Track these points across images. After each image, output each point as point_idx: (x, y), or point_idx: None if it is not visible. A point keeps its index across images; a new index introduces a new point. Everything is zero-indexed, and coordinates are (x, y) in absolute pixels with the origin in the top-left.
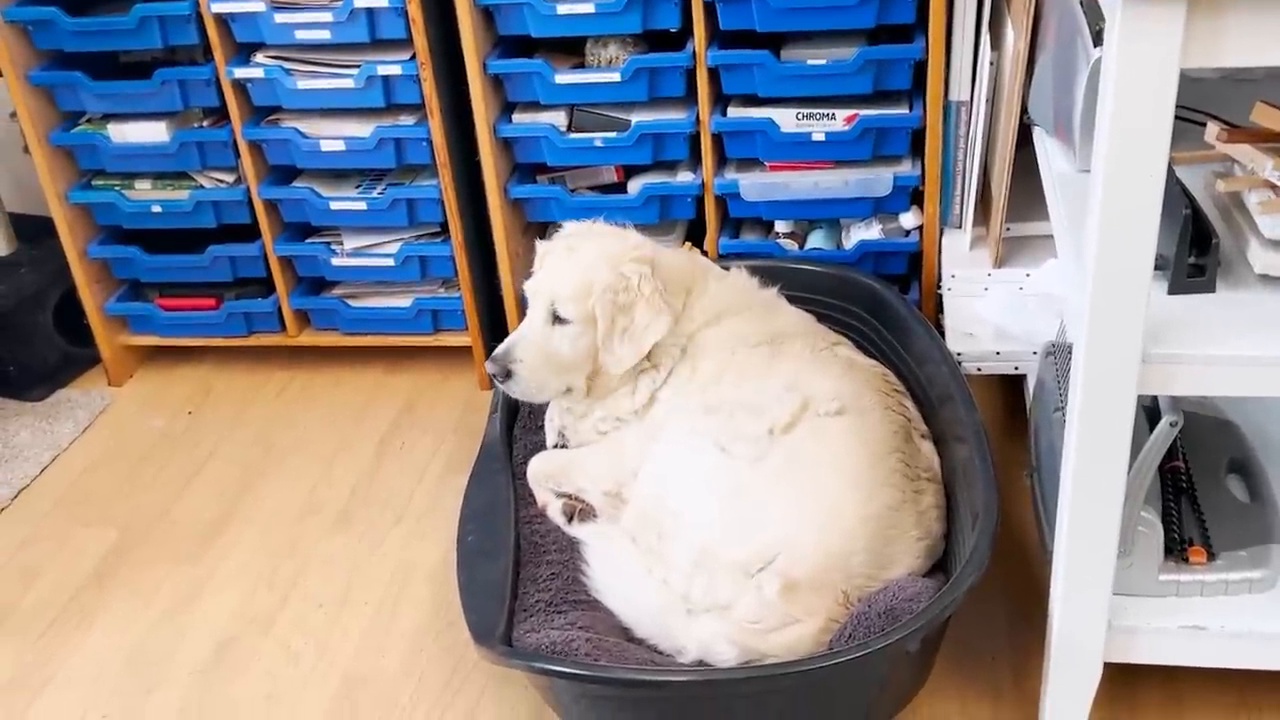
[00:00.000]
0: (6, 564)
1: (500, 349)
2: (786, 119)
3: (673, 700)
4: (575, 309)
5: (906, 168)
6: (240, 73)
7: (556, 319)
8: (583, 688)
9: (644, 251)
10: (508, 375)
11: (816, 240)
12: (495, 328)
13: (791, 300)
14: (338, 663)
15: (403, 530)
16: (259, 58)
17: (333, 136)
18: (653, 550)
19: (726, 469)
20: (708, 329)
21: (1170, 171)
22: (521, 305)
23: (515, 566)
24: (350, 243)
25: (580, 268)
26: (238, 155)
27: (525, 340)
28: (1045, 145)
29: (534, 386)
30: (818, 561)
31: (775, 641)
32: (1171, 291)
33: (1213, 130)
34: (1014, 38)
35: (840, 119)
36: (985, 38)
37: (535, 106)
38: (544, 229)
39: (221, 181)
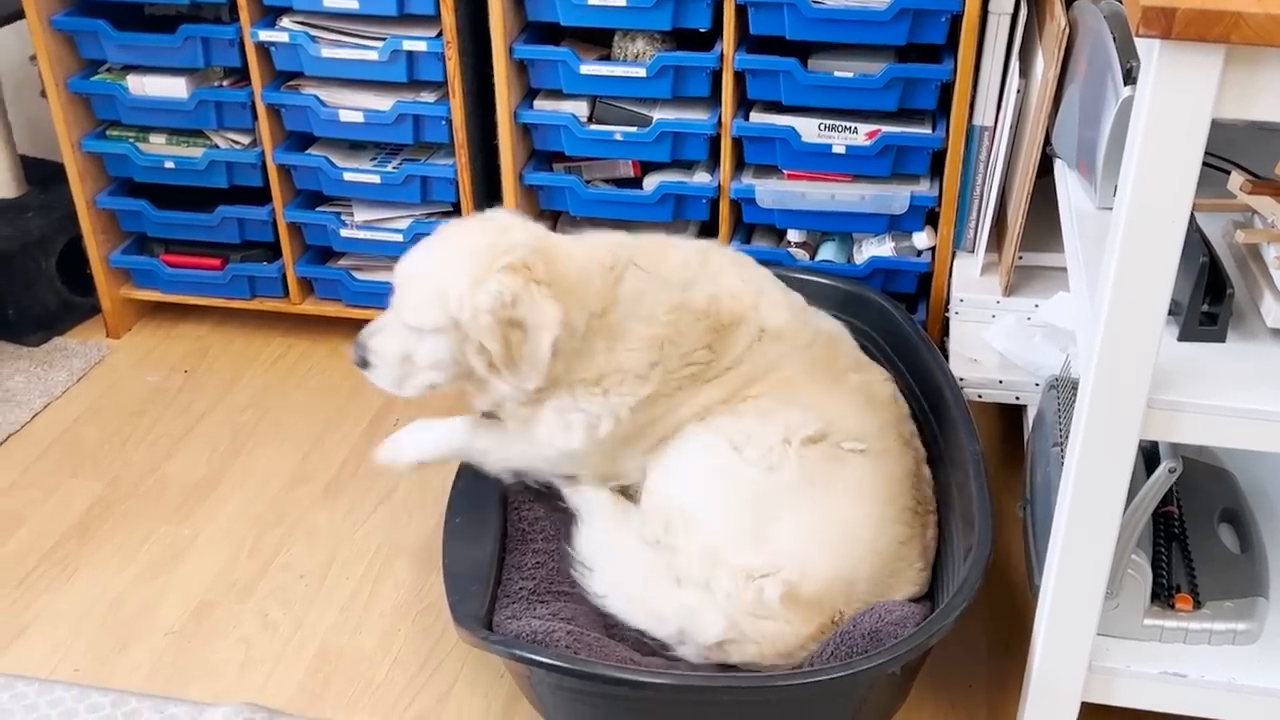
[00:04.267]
0: None
1: (363, 332)
2: (808, 129)
3: (650, 701)
4: (423, 318)
5: (924, 188)
6: (265, 35)
7: (409, 325)
8: (560, 679)
9: (517, 255)
10: (365, 364)
11: (828, 252)
12: None
13: None
14: (315, 635)
15: (390, 507)
16: (285, 22)
17: (352, 107)
18: (659, 541)
19: (740, 473)
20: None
21: (1191, 218)
22: None
23: (501, 552)
24: (361, 215)
25: (425, 273)
26: (255, 118)
27: (383, 333)
28: (1066, 178)
29: (392, 381)
30: (825, 582)
31: (762, 628)
32: (1182, 338)
33: (1236, 180)
34: (1043, 67)
35: (862, 133)
36: (1015, 65)
37: (557, 95)
38: (556, 218)
39: (237, 143)
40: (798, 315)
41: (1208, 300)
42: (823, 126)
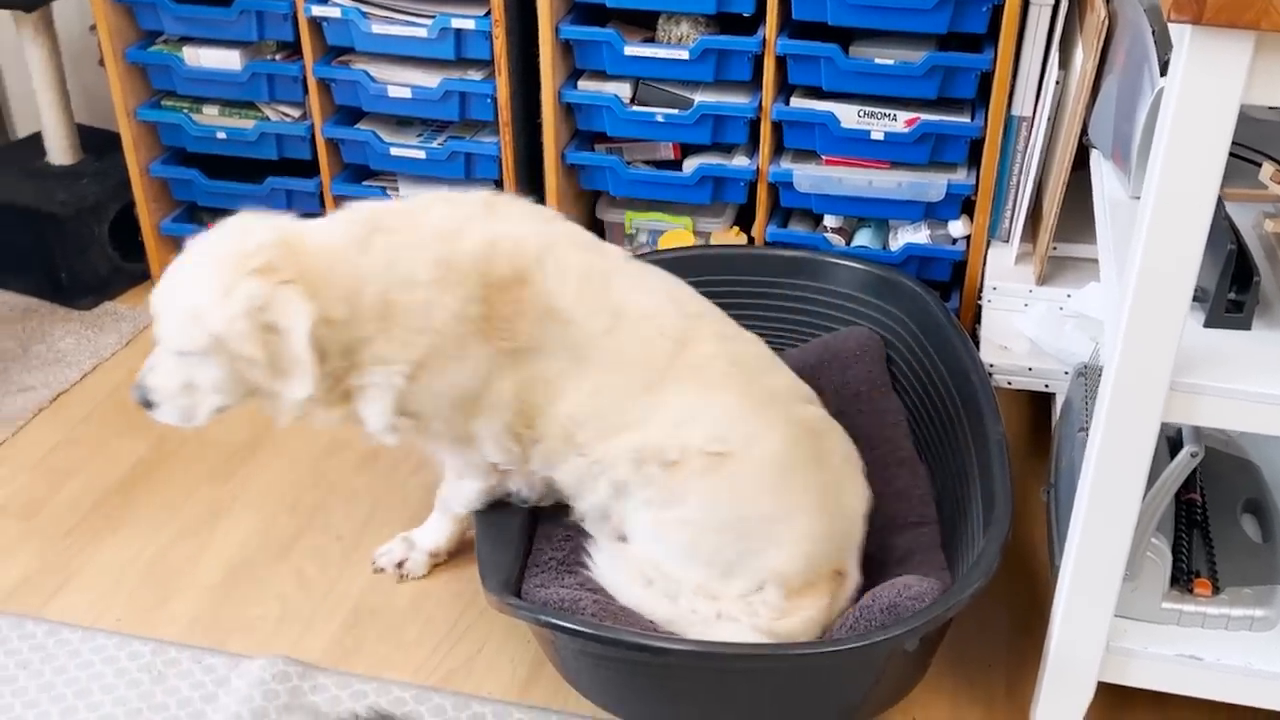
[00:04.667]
0: (39, 464)
1: (140, 372)
2: (848, 114)
3: (672, 668)
4: (186, 341)
5: (961, 176)
6: (317, 10)
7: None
8: (584, 645)
9: (262, 257)
10: (148, 405)
11: (863, 238)
12: None
13: (829, 297)
14: (349, 594)
15: (426, 474)
16: None
17: (400, 83)
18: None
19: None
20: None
21: (1220, 206)
22: None
23: (532, 523)
24: (405, 190)
25: (177, 295)
26: (306, 91)
27: (155, 370)
28: (1101, 168)
29: (180, 415)
30: (802, 568)
31: (791, 626)
32: (1208, 324)
33: (1268, 170)
34: (1083, 58)
35: (901, 120)
36: (1054, 56)
37: (601, 75)
38: (596, 197)
39: (287, 115)
40: (596, 287)
41: (1234, 288)
42: (862, 113)
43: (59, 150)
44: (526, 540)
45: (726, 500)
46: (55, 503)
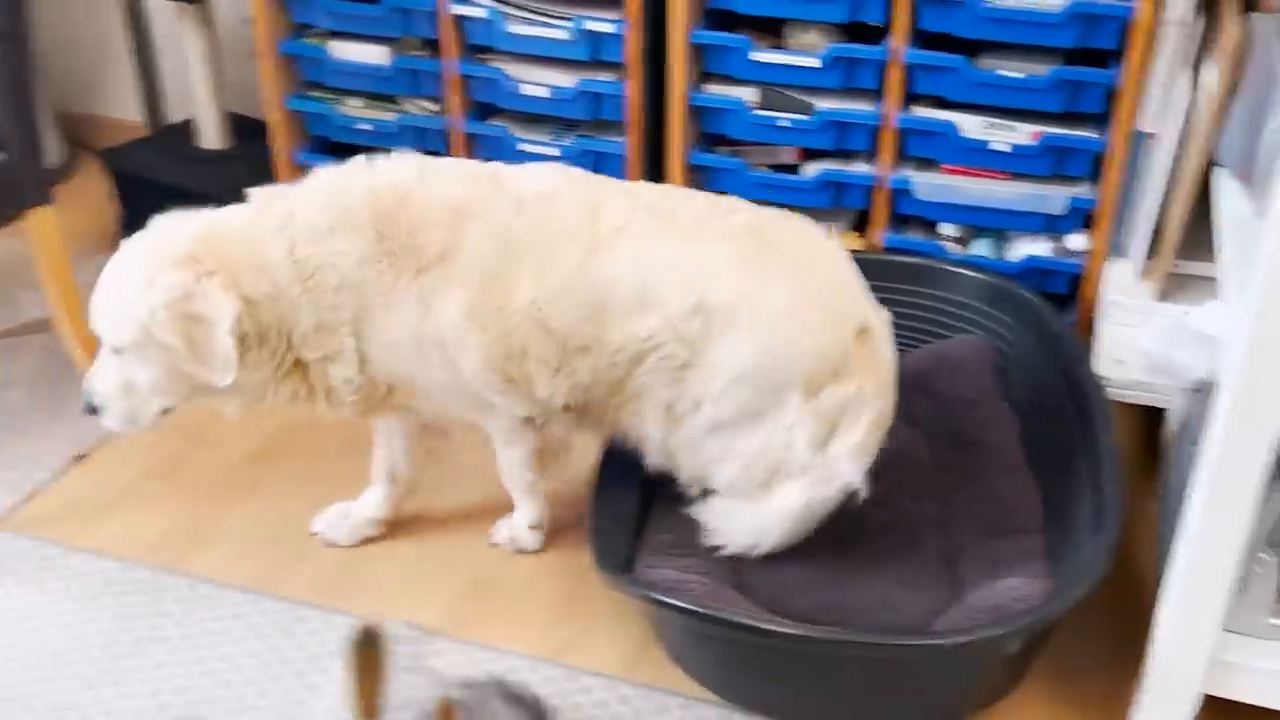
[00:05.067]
0: (181, 431)
1: (85, 381)
2: (971, 125)
3: (773, 651)
4: (119, 335)
5: (1084, 190)
6: (461, 9)
7: (114, 348)
8: (691, 625)
9: (182, 249)
10: (93, 410)
11: (981, 248)
12: None
13: (945, 304)
14: (467, 565)
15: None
16: None
17: (536, 82)
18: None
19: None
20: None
21: None
22: None
23: (646, 506)
24: None
25: (108, 291)
26: (445, 87)
27: (98, 374)
28: (1227, 187)
29: (124, 419)
30: (815, 363)
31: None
32: None
33: None
34: (1213, 76)
35: (1025, 132)
36: (1185, 73)
37: (728, 80)
38: None
39: (427, 109)
40: (485, 183)
41: None
42: (986, 124)
43: (210, 135)
44: (640, 522)
45: (747, 348)
46: (196, 467)
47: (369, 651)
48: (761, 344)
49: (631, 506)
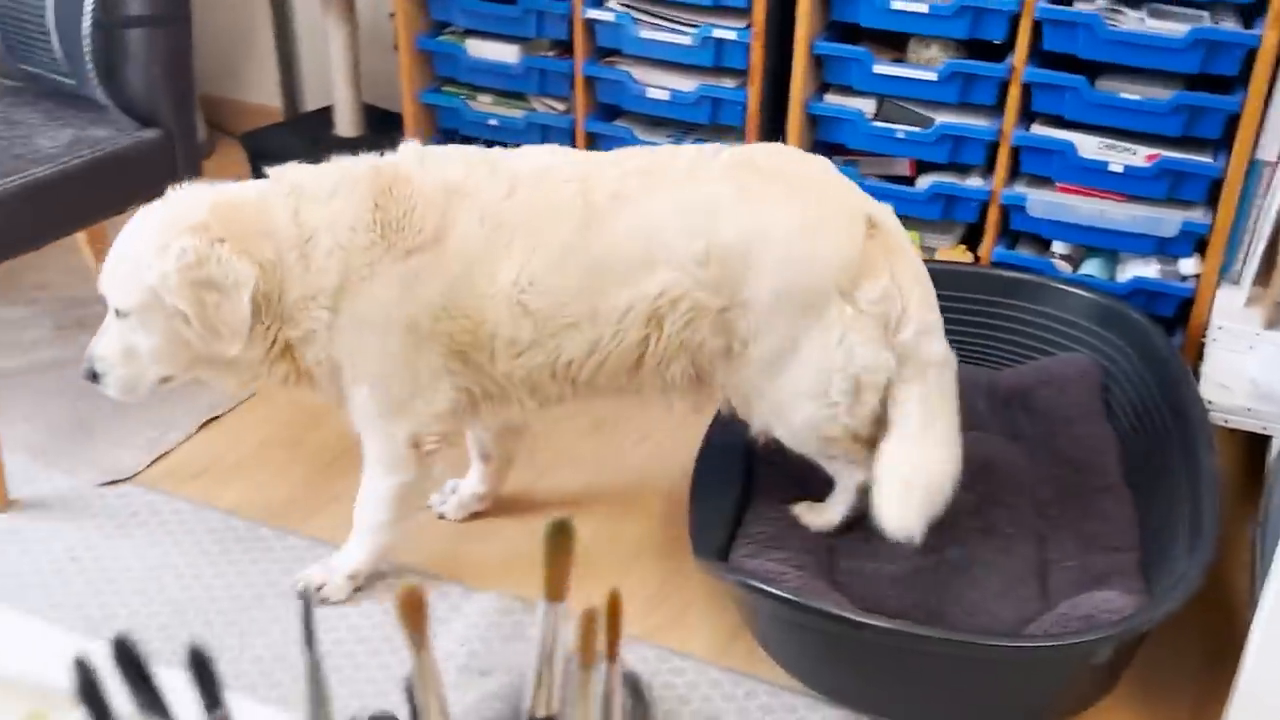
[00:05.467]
0: (301, 405)
1: (88, 348)
2: (1087, 145)
3: (864, 644)
4: (126, 298)
5: (1197, 215)
6: (594, 13)
7: (119, 312)
8: (783, 614)
9: (195, 217)
10: (94, 377)
11: (1091, 267)
12: None
13: (1052, 321)
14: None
15: (649, 445)
16: (611, 3)
17: (660, 86)
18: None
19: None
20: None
21: None
22: None
23: (745, 499)
24: None
25: (120, 255)
26: (572, 87)
27: (101, 339)
28: None
29: (124, 384)
30: (837, 265)
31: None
32: None
33: None
34: None
35: (1141, 155)
36: None
37: (848, 90)
38: None
39: (553, 108)
40: (480, 164)
41: None
42: (1102, 144)
43: (346, 124)
44: (738, 512)
45: (771, 271)
46: (316, 439)
47: (561, 540)
48: (782, 269)
49: (731, 498)
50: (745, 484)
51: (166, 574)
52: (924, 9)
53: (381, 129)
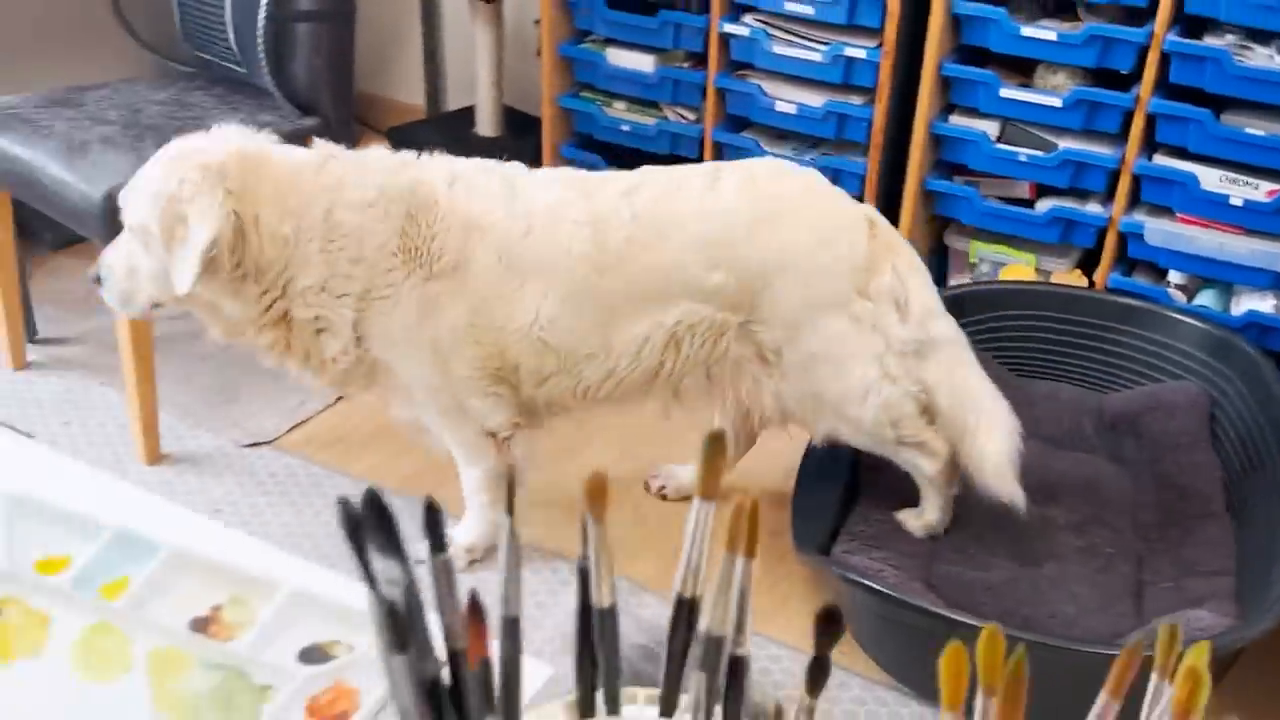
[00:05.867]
0: None
1: (101, 253)
2: (1209, 177)
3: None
4: (134, 214)
5: None
6: (729, 28)
7: (128, 226)
8: (879, 607)
9: (217, 159)
10: (98, 281)
11: (1206, 298)
12: None
13: (1163, 349)
14: (675, 531)
15: (755, 447)
16: (747, 18)
17: (788, 100)
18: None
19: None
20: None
21: None
22: None
23: (848, 500)
24: None
25: (140, 173)
26: (703, 98)
27: (113, 249)
28: None
29: (120, 296)
30: (858, 260)
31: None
32: None
33: None
34: None
35: (1263, 190)
36: None
37: (972, 112)
38: (946, 223)
39: (684, 117)
40: (504, 195)
41: None
42: (1224, 178)
43: (486, 124)
44: (841, 510)
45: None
46: None
47: (716, 445)
48: (804, 284)
49: (834, 497)
50: (849, 485)
51: (300, 531)
52: (1053, 37)
53: (519, 131)
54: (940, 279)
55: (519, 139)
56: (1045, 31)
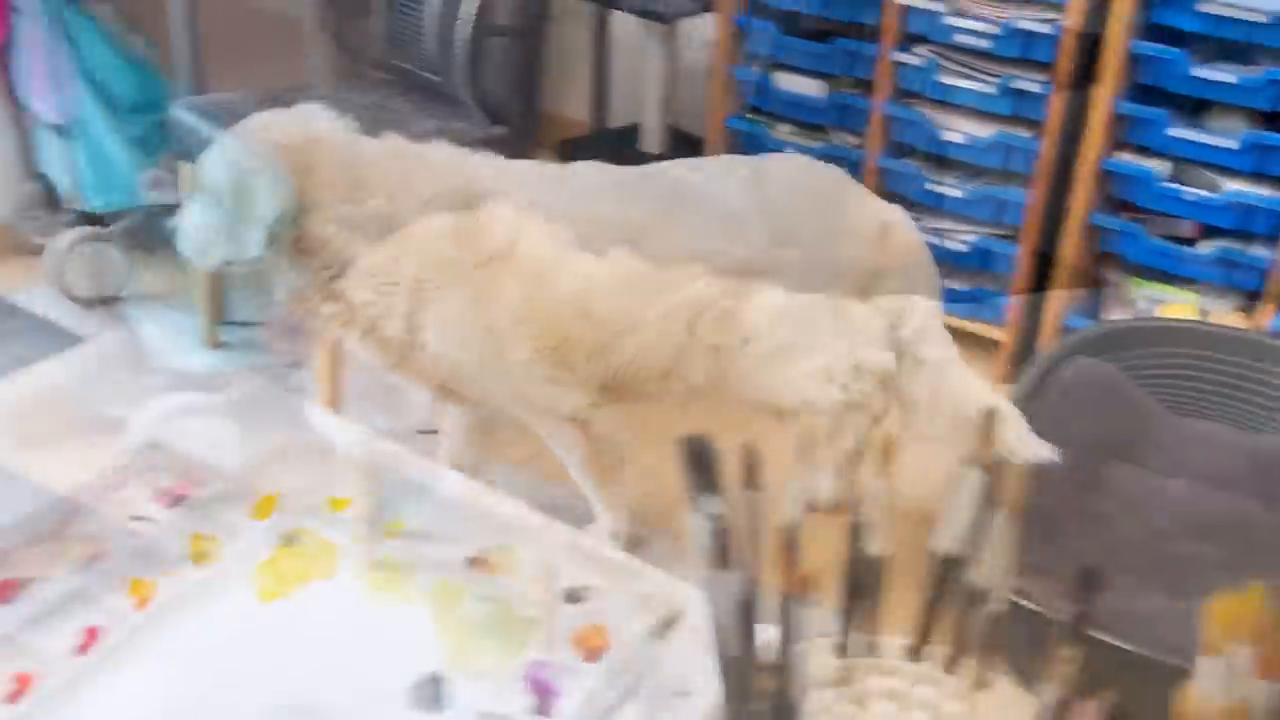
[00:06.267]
0: None
1: (185, 203)
2: None
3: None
4: (207, 176)
5: None
6: (901, 57)
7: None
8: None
9: (294, 139)
10: (175, 231)
11: None
12: (1026, 337)
13: None
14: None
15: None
16: (919, 49)
17: (955, 130)
18: None
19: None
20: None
21: None
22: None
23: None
24: (931, 223)
25: (223, 142)
26: (869, 124)
27: (195, 202)
28: None
29: (195, 249)
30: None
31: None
32: None
33: None
34: None
35: None
36: None
37: (1142, 150)
38: (1107, 259)
39: (849, 142)
40: (546, 190)
41: None
42: None
43: (651, 142)
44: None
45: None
46: None
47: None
48: (802, 276)
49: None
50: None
51: None
52: (1232, 80)
53: (682, 150)
54: (1093, 313)
55: (683, 157)
56: (1224, 75)
